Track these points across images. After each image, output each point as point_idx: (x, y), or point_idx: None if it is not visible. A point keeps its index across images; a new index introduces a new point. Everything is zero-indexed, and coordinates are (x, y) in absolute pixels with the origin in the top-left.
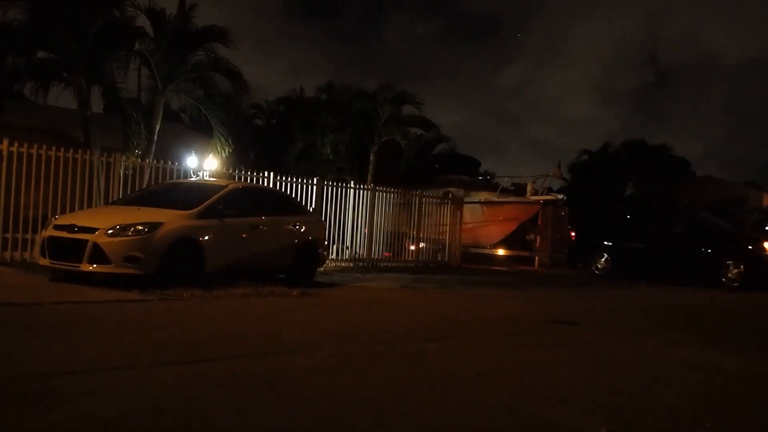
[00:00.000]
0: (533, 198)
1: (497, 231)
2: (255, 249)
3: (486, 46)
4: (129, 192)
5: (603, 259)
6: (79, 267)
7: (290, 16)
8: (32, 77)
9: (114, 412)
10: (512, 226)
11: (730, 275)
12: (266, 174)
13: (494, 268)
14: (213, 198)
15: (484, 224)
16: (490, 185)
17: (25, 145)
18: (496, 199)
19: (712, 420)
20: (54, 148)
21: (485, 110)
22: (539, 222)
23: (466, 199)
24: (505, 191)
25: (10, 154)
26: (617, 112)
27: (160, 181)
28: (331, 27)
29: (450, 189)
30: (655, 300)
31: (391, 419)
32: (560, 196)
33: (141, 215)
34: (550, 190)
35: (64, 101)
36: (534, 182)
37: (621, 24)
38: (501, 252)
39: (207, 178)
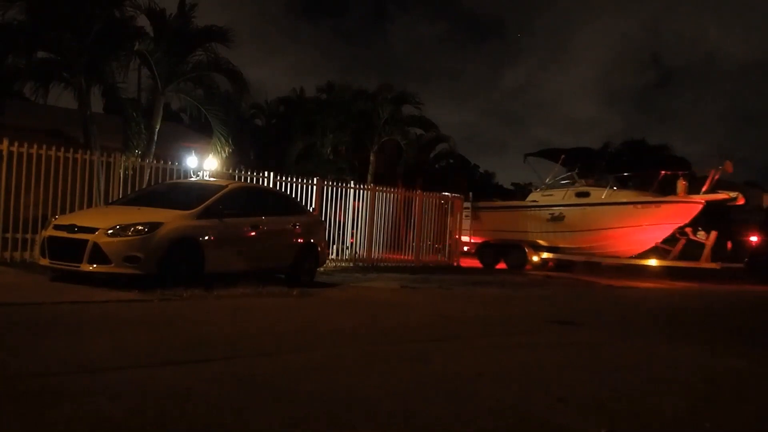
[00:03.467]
0: (696, 197)
1: (647, 237)
2: (255, 249)
3: (490, 47)
4: (129, 192)
5: None
6: (79, 267)
7: (294, 17)
8: (32, 77)
9: (114, 412)
10: (666, 231)
11: None
12: (266, 174)
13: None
14: (213, 198)
15: (631, 229)
16: (643, 181)
17: (25, 145)
18: (648, 198)
19: (712, 420)
20: (54, 148)
21: (488, 110)
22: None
23: (609, 200)
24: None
25: (10, 154)
26: (619, 113)
27: (160, 181)
28: (335, 28)
29: (587, 189)
30: None
31: (392, 419)
32: (733, 194)
33: (141, 215)
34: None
35: (64, 101)
36: (682, 178)
37: (624, 25)
38: (653, 262)
39: (207, 178)
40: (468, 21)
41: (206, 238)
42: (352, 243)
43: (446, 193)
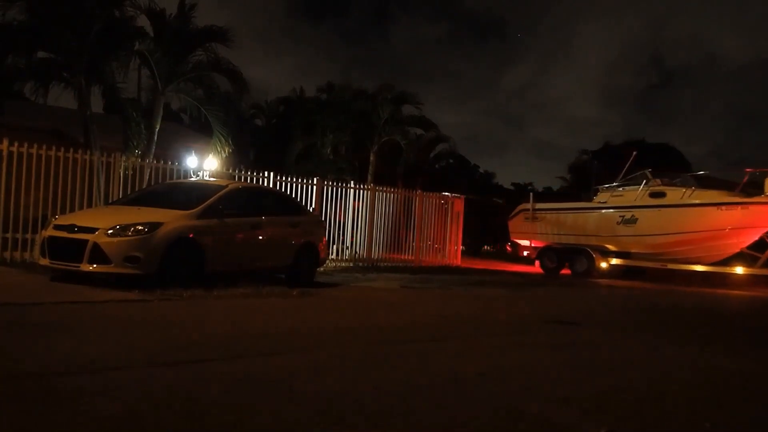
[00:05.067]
0: None
1: (732, 242)
2: (255, 249)
3: (490, 48)
4: (129, 192)
5: None
6: (79, 267)
7: (294, 17)
8: (32, 77)
9: (114, 412)
10: (754, 236)
11: None
12: (266, 174)
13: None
14: (213, 198)
15: (713, 233)
16: (726, 182)
17: (25, 145)
18: (733, 199)
19: (712, 420)
20: (54, 148)
21: (488, 111)
22: None
23: (688, 201)
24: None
25: (10, 154)
26: (619, 113)
27: (160, 181)
28: (336, 28)
29: (663, 188)
30: None
31: (392, 419)
32: None
33: (141, 215)
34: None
35: (64, 101)
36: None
37: (625, 26)
38: (738, 270)
39: (207, 178)
40: (469, 21)
41: (206, 238)
42: (352, 242)
43: (446, 193)
